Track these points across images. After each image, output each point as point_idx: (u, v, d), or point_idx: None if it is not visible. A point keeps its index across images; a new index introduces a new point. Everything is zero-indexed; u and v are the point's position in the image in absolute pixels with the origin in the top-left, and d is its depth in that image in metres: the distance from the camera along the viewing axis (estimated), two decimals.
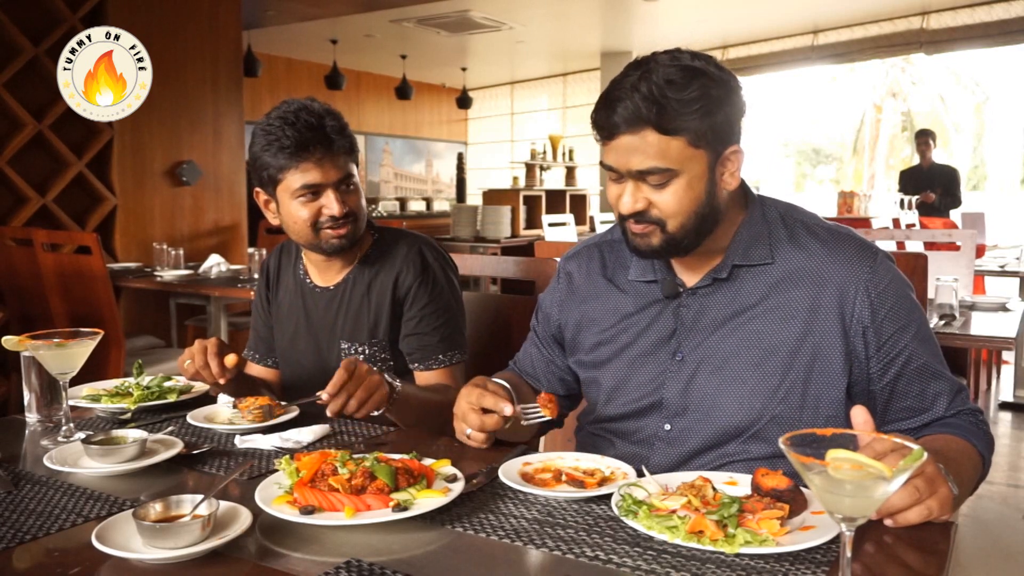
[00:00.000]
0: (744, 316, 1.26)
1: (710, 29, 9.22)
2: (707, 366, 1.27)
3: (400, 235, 1.78)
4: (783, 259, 1.26)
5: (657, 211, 1.21)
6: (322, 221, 1.63)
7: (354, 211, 1.65)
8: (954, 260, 3.66)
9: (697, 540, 0.92)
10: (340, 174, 1.62)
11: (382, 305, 1.70)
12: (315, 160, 1.59)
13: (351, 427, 1.49)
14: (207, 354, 1.46)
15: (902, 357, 1.23)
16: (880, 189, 18.42)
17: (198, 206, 5.27)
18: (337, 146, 1.61)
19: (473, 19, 8.07)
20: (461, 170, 11.34)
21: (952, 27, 8.34)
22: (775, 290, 1.25)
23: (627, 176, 1.20)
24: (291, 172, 1.60)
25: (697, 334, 1.29)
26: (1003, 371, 5.07)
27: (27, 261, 3.54)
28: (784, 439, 0.81)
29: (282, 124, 1.58)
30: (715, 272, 1.28)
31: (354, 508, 1.02)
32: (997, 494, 3.36)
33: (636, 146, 1.17)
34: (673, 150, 1.17)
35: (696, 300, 1.30)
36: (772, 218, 1.30)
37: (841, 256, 1.24)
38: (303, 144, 1.58)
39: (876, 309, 1.22)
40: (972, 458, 1.18)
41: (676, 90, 1.15)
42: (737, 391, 1.25)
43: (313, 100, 1.65)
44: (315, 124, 1.59)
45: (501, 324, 2.04)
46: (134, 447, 1.23)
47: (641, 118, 1.15)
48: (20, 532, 1.01)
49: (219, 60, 5.32)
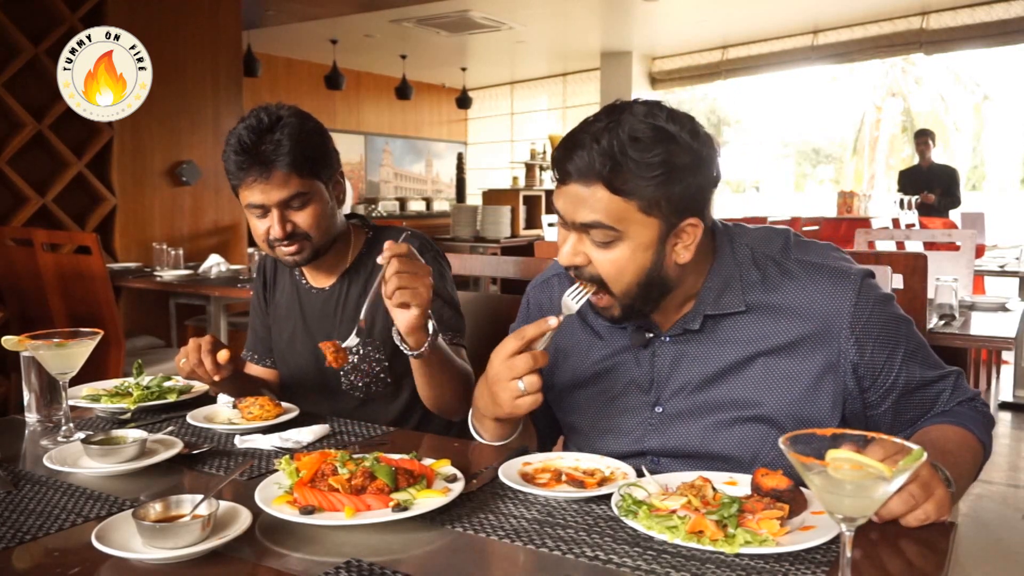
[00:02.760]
0: (724, 368, 1.21)
1: (710, 29, 9.22)
2: (689, 419, 1.23)
3: (392, 233, 1.76)
4: (757, 305, 1.21)
5: (595, 271, 1.15)
6: (271, 239, 1.60)
7: (303, 230, 1.59)
8: (954, 260, 3.66)
9: (697, 540, 0.92)
10: (283, 195, 1.55)
11: (376, 306, 1.68)
12: (253, 182, 1.54)
13: (351, 427, 1.49)
14: (200, 351, 1.45)
15: (900, 381, 1.21)
16: (880, 189, 18.41)
17: (198, 206, 5.26)
18: (279, 166, 1.53)
19: (473, 19, 8.07)
20: (461, 170, 11.35)
21: (952, 27, 8.34)
22: (754, 339, 1.20)
23: (571, 227, 1.15)
24: (241, 190, 1.58)
25: (674, 385, 1.24)
26: (1003, 371, 5.07)
27: (27, 261, 3.54)
28: (784, 439, 0.81)
29: (233, 139, 1.55)
30: (686, 322, 1.23)
31: (354, 508, 1.02)
32: (997, 494, 3.36)
33: (584, 198, 1.11)
34: (621, 212, 1.10)
35: (670, 348, 1.25)
36: (742, 258, 1.23)
37: (817, 294, 1.19)
38: (240, 165, 1.53)
39: (863, 344, 1.18)
40: (971, 447, 1.18)
41: (638, 150, 1.08)
42: (724, 444, 1.22)
43: (271, 110, 1.57)
44: (250, 147, 1.52)
45: (501, 324, 2.04)
46: (134, 447, 1.23)
47: (594, 172, 1.09)
48: (20, 532, 1.01)
49: (219, 60, 5.32)
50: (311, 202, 1.59)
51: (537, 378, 1.16)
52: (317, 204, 1.60)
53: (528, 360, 1.15)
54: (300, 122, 1.58)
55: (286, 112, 1.58)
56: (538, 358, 1.16)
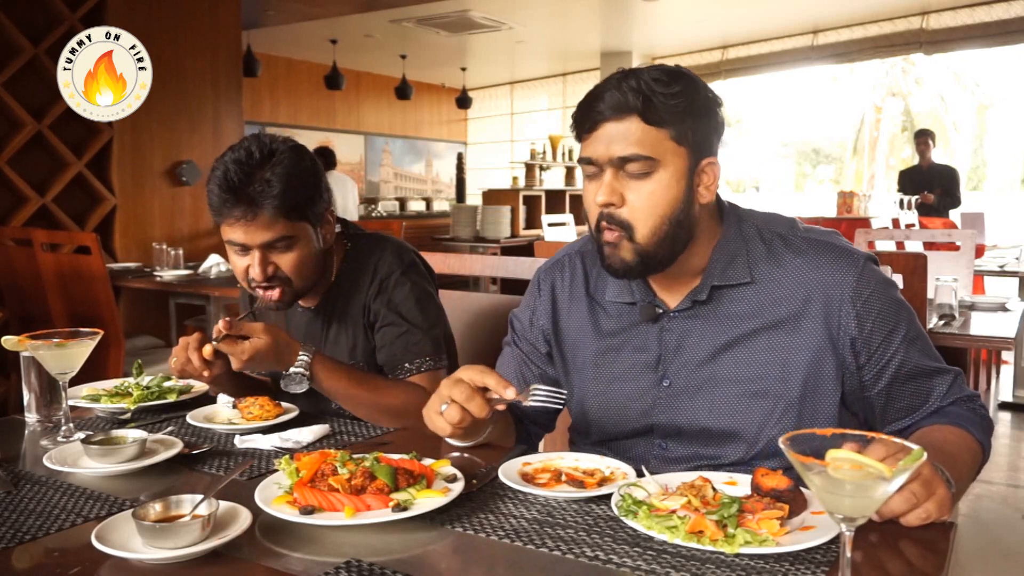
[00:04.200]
0: (729, 341, 1.24)
1: (710, 29, 9.22)
2: (697, 392, 1.26)
3: (371, 246, 1.68)
4: (763, 277, 1.24)
5: (629, 211, 1.18)
6: (250, 280, 1.53)
7: (285, 274, 1.52)
8: (954, 260, 3.66)
9: (697, 540, 0.92)
10: (267, 237, 1.47)
11: (357, 327, 1.66)
12: (236, 221, 1.46)
13: (351, 427, 1.49)
14: (188, 348, 1.43)
15: (894, 362, 1.22)
16: (880, 189, 18.42)
17: (198, 206, 5.26)
18: (266, 208, 1.45)
19: (473, 19, 8.07)
20: (461, 170, 11.35)
21: (952, 27, 8.34)
22: (759, 311, 1.23)
23: (607, 165, 1.18)
24: (222, 225, 1.50)
25: (682, 359, 1.26)
26: (1003, 371, 5.07)
27: (27, 261, 3.54)
28: (784, 439, 0.81)
29: (219, 172, 1.46)
30: (694, 294, 1.25)
31: (354, 508, 1.02)
32: (997, 494, 3.36)
33: (620, 133, 1.16)
34: (655, 141, 1.16)
35: (678, 323, 1.27)
36: (749, 234, 1.27)
37: (822, 268, 1.22)
38: (225, 202, 1.45)
39: (863, 319, 1.20)
40: (971, 448, 1.19)
41: (662, 86, 1.16)
42: (730, 417, 1.23)
43: (264, 143, 1.48)
44: (236, 185, 1.44)
45: (501, 324, 2.04)
46: (134, 447, 1.23)
47: (627, 107, 1.15)
48: (20, 532, 1.01)
49: (219, 60, 5.32)
50: (295, 246, 1.51)
51: (458, 413, 1.15)
52: (302, 249, 1.53)
53: (466, 393, 1.15)
54: (294, 161, 1.49)
55: (280, 146, 1.50)
56: (476, 403, 1.15)
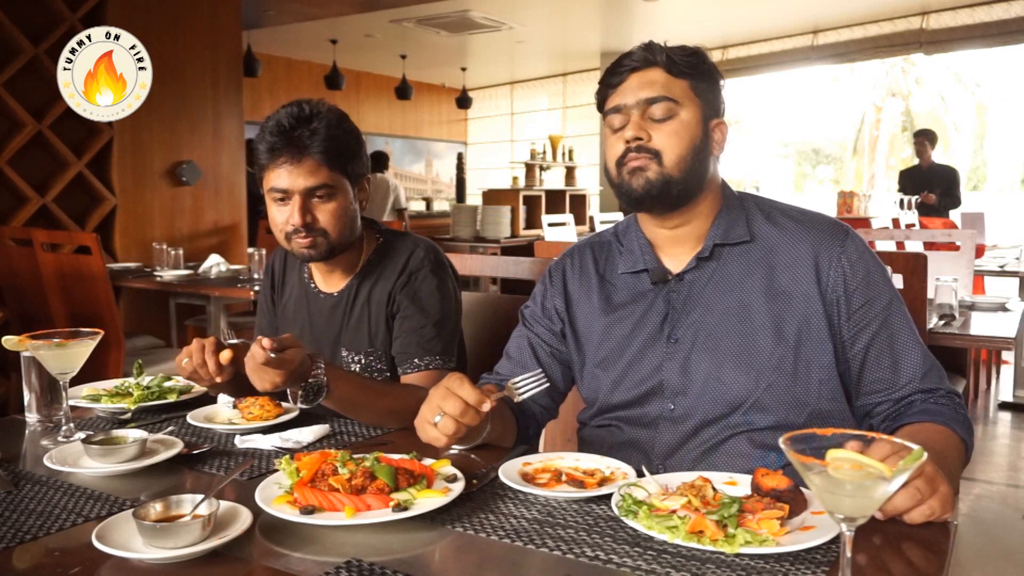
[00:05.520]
0: (731, 294, 1.33)
1: (710, 29, 9.22)
2: (701, 345, 1.33)
3: (402, 241, 1.74)
4: (762, 237, 1.36)
5: (656, 144, 1.31)
6: (288, 230, 1.59)
7: (321, 226, 1.59)
8: (954, 260, 3.66)
9: (697, 540, 0.92)
10: (310, 183, 1.56)
11: (379, 316, 1.68)
12: (282, 165, 1.55)
13: (351, 427, 1.49)
14: (204, 352, 1.45)
15: (872, 326, 1.29)
16: (880, 189, 18.41)
17: (198, 206, 5.27)
18: (311, 152, 1.55)
19: (473, 19, 8.08)
20: (461, 170, 11.35)
21: (952, 27, 8.34)
22: (757, 266, 1.34)
23: (634, 109, 1.32)
24: (267, 172, 1.58)
25: (688, 315, 1.35)
26: (1003, 371, 5.08)
27: (27, 261, 3.54)
28: (784, 439, 0.81)
29: (271, 123, 1.57)
30: (699, 254, 1.36)
31: (354, 508, 1.02)
32: (997, 494, 3.36)
33: (646, 81, 1.32)
34: (677, 88, 1.32)
35: (684, 285, 1.37)
36: (748, 205, 1.40)
37: (815, 232, 1.34)
38: (273, 146, 1.55)
39: (848, 279, 1.30)
40: (957, 448, 1.22)
41: (680, 50, 1.34)
42: (732, 365, 1.30)
43: (314, 103, 1.61)
44: (287, 128, 1.55)
45: (501, 324, 2.04)
46: (134, 447, 1.23)
47: (652, 60, 1.33)
48: (20, 532, 1.01)
49: (219, 60, 5.32)
50: (335, 197, 1.60)
51: (453, 425, 1.17)
52: (340, 200, 1.60)
53: (460, 407, 1.17)
54: (339, 119, 1.61)
55: (327, 108, 1.61)
56: (469, 415, 1.17)
